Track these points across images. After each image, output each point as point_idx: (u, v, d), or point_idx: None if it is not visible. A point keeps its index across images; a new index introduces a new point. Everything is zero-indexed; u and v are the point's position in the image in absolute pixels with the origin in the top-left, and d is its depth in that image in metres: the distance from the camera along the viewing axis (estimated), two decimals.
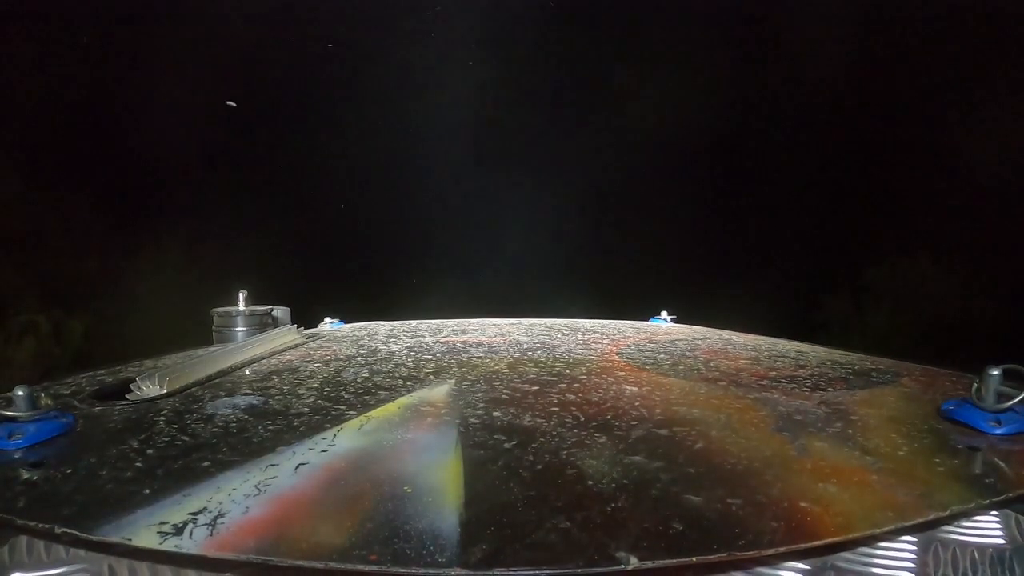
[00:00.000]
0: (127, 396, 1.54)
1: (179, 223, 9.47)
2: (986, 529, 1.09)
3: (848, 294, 10.66)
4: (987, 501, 0.98)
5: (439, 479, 1.01)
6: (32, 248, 8.46)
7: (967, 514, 1.04)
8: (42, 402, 1.25)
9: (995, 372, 1.25)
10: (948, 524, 1.05)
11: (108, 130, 8.88)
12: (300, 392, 1.56)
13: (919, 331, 9.99)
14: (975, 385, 1.29)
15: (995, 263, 9.51)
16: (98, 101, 8.82)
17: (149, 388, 1.55)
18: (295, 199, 10.01)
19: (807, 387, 1.62)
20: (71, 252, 8.64)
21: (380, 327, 3.07)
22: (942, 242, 10.01)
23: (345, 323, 3.30)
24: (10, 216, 8.13)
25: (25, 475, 1.06)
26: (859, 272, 10.61)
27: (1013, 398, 1.22)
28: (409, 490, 0.96)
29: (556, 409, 1.36)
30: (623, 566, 0.79)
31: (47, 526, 0.88)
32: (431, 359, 2.00)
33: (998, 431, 1.21)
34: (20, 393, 1.22)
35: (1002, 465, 1.10)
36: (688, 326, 3.19)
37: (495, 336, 2.56)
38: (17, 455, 1.14)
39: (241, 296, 2.55)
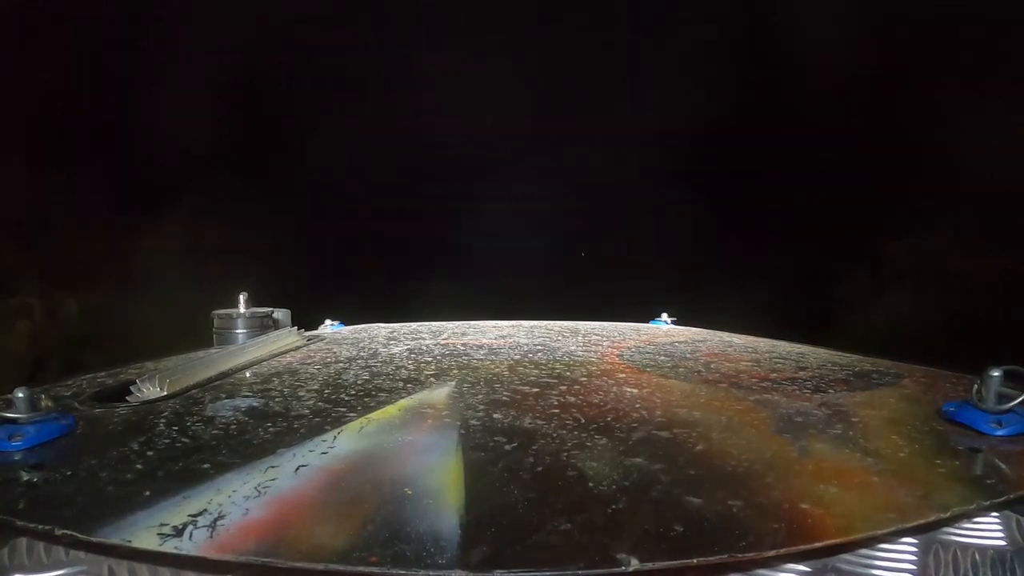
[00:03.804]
0: (127, 398, 1.54)
1: (180, 224, 9.48)
2: (987, 530, 1.09)
3: (850, 295, 10.65)
4: (988, 502, 0.98)
5: (439, 481, 1.01)
6: (31, 246, 8.47)
7: (968, 515, 1.04)
8: (42, 404, 1.25)
9: (996, 373, 1.25)
10: (949, 526, 1.05)
11: (108, 130, 8.89)
12: (300, 394, 1.56)
13: (921, 331, 9.99)
14: (976, 386, 1.29)
15: (999, 265, 9.52)
16: (97, 101, 8.83)
17: (149, 390, 1.55)
18: (297, 201, 10.02)
19: (808, 389, 1.62)
20: (70, 251, 8.65)
21: (380, 329, 3.07)
22: (946, 242, 10.02)
23: (345, 325, 3.30)
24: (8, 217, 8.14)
25: (25, 477, 1.06)
26: (861, 273, 10.60)
27: (1014, 399, 1.22)
28: (409, 492, 0.96)
29: (557, 411, 1.36)
30: (624, 568, 0.79)
31: (47, 528, 0.88)
32: (431, 361, 2.00)
33: (999, 432, 1.21)
34: (20, 395, 1.22)
35: (1003, 466, 1.10)
36: (689, 328, 3.19)
37: (495, 338, 2.56)
38: (17, 457, 1.14)
39: (242, 298, 2.55)
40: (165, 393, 1.55)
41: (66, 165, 8.50)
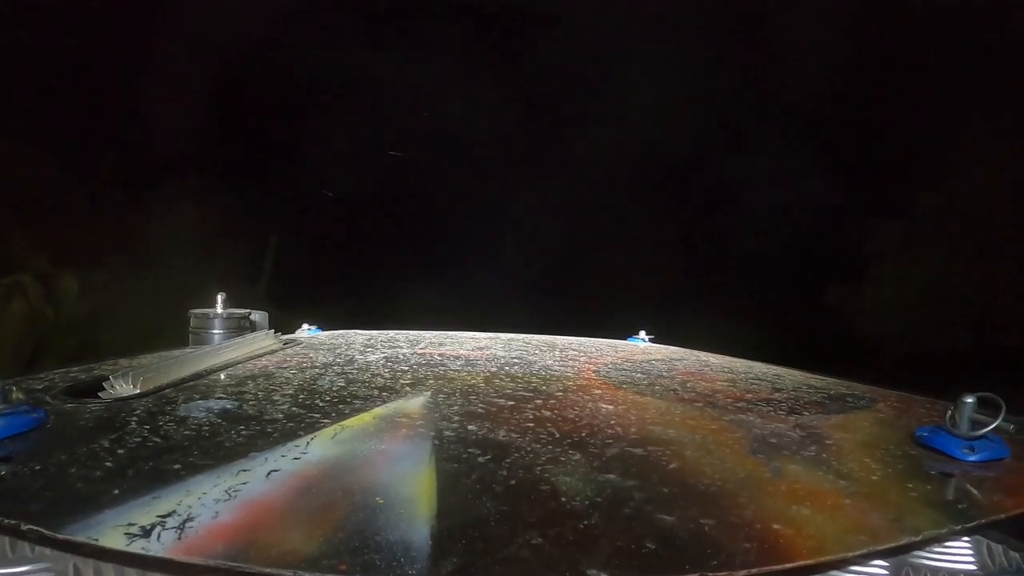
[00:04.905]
0: (100, 394, 1.53)
1: (165, 222, 9.45)
2: (958, 555, 1.10)
3: (828, 316, 10.71)
4: (959, 527, 0.99)
5: (412, 491, 1.00)
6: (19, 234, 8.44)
7: (939, 539, 1.05)
8: (13, 396, 1.23)
9: (969, 400, 1.26)
10: (920, 549, 1.06)
11: (95, 123, 8.84)
12: (275, 398, 1.55)
13: (896, 356, 10.07)
14: (949, 412, 1.30)
15: (980, 290, 9.63)
16: (87, 99, 8.80)
17: (122, 387, 1.54)
18: (285, 204, 10.03)
19: (783, 410, 1.63)
20: (62, 240, 8.60)
21: (357, 336, 3.06)
22: (924, 263, 10.11)
23: (323, 330, 3.28)
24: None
25: None
26: (840, 294, 10.68)
27: (987, 426, 1.23)
28: (381, 501, 0.96)
29: (531, 425, 1.36)
30: None
31: (13, 522, 0.87)
32: (408, 370, 2.00)
33: (971, 458, 1.23)
34: None
35: (974, 492, 1.11)
36: (666, 346, 3.20)
37: (473, 350, 2.56)
38: None
39: (219, 298, 2.53)
40: (138, 391, 1.54)
41: (58, 154, 8.47)
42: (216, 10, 8.65)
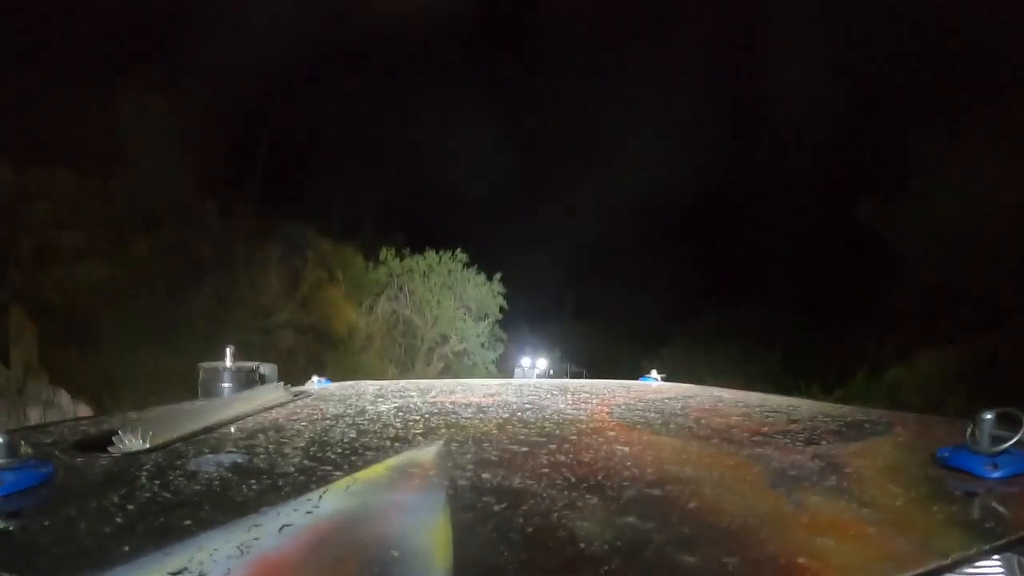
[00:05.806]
0: (109, 448, 1.52)
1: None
2: (989, 574, 1.08)
3: (841, 352, 10.74)
4: (988, 546, 0.97)
5: (427, 542, 0.99)
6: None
7: (969, 560, 1.03)
8: (22, 450, 1.22)
9: (988, 416, 1.24)
10: (950, 572, 1.03)
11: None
12: (286, 451, 1.54)
13: (909, 387, 10.08)
14: (969, 429, 1.28)
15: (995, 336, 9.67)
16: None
17: (132, 441, 1.53)
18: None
19: (800, 441, 1.61)
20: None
21: (368, 386, 3.05)
22: (933, 291, 10.15)
23: (332, 382, 3.28)
24: None
25: (1, 525, 1.04)
26: (851, 329, 10.71)
27: (1008, 441, 1.21)
28: (396, 554, 0.94)
29: (546, 470, 1.34)
30: None
31: None
32: (419, 420, 1.98)
33: (995, 475, 1.20)
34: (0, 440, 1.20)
35: (1001, 508, 1.10)
36: (678, 384, 3.18)
37: (484, 396, 2.54)
38: None
39: (228, 352, 2.53)
40: (148, 445, 1.53)
41: None
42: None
